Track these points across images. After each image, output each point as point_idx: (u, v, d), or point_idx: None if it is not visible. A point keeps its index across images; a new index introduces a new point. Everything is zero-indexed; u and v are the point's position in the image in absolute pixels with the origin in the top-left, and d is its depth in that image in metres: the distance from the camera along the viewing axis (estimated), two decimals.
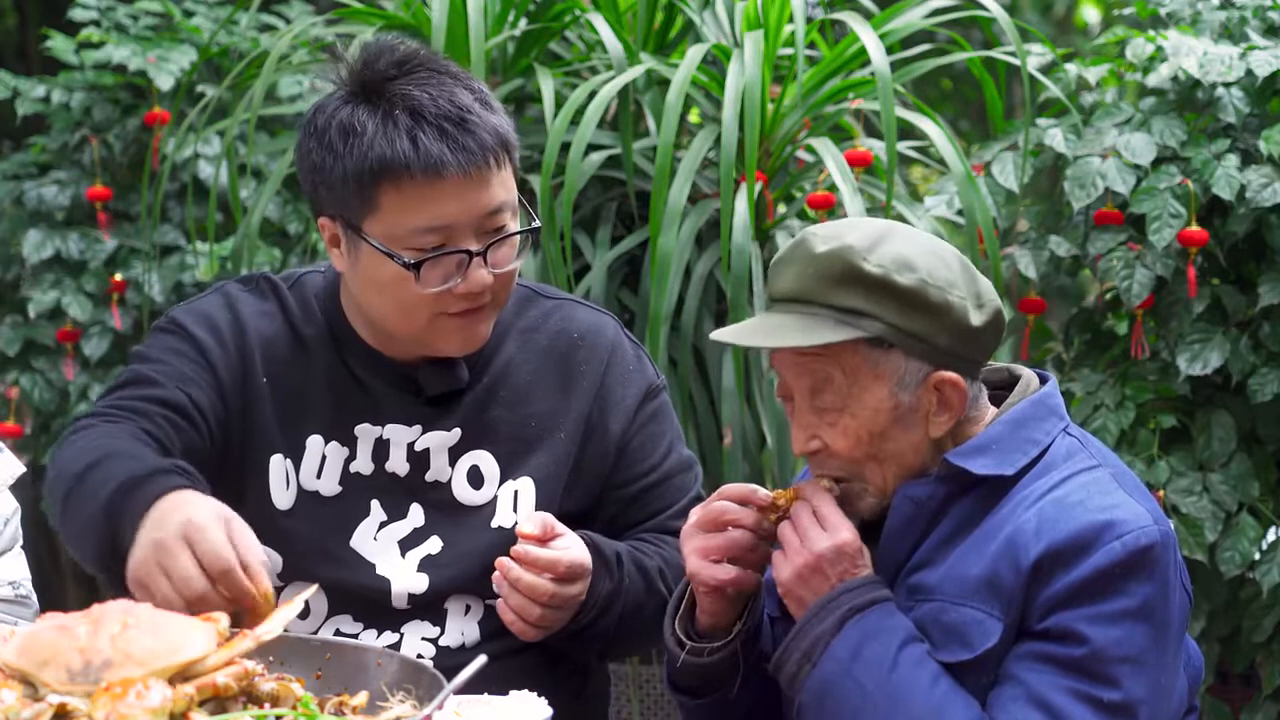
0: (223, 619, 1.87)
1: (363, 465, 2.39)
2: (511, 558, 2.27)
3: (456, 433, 2.40)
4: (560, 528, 2.31)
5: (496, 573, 2.28)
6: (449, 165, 2.26)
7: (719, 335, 2.18)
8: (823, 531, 2.09)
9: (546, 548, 2.28)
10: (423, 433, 2.40)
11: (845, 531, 2.09)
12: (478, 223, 2.30)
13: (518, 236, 2.34)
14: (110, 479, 2.14)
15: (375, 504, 2.39)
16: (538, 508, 2.39)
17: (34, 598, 2.55)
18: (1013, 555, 2.04)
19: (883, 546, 2.13)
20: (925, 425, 2.11)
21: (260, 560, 2.00)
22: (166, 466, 2.16)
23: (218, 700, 1.77)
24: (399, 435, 2.40)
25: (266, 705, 1.79)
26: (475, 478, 2.41)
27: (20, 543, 2.58)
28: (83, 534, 2.17)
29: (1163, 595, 2.04)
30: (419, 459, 2.40)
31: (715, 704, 2.25)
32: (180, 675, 1.75)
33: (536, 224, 2.38)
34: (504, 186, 2.31)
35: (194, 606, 1.95)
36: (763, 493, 2.17)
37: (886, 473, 2.12)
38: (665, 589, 2.40)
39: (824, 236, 2.10)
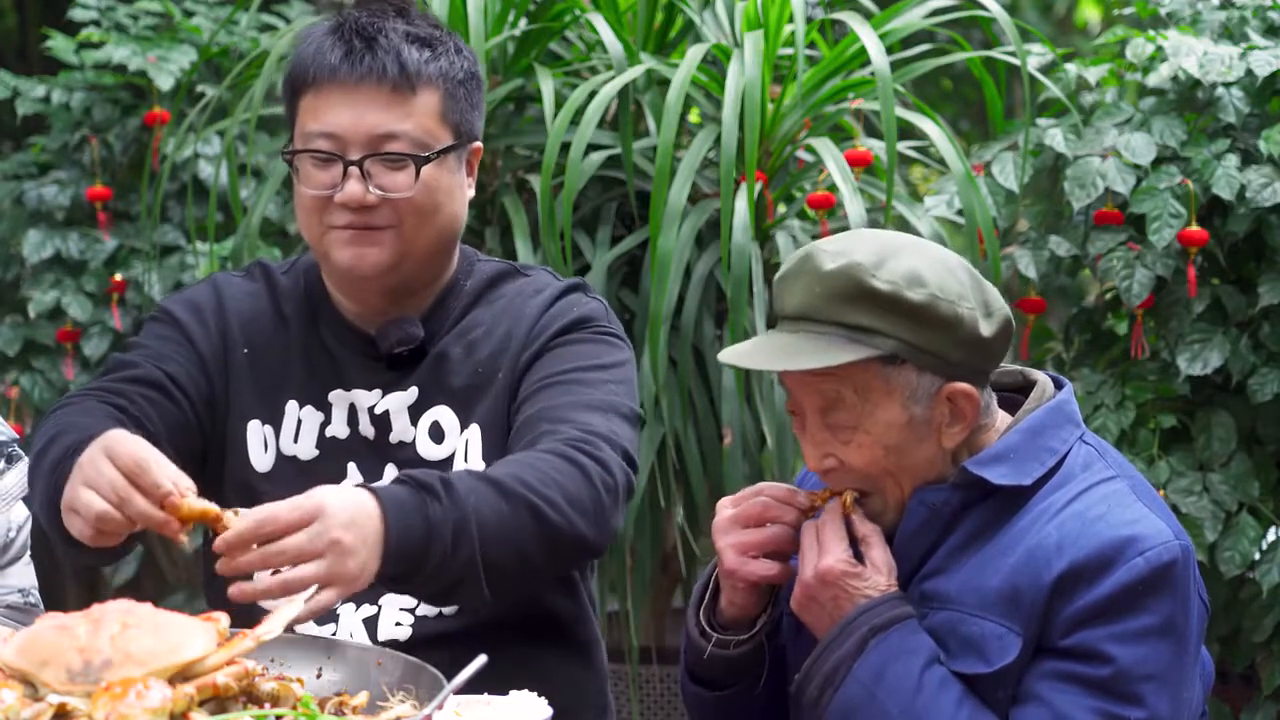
0: (223, 619, 1.87)
1: (338, 429, 2.42)
2: (222, 555, 1.98)
3: (414, 391, 2.41)
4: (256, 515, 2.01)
5: (259, 586, 2.00)
6: (340, 72, 2.32)
7: (727, 356, 2.15)
8: (814, 557, 2.10)
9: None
10: (382, 396, 2.42)
11: (829, 556, 2.09)
12: (368, 141, 2.33)
13: (413, 167, 2.33)
14: (61, 446, 2.17)
15: (351, 466, 2.42)
16: (485, 453, 2.37)
17: (42, 606, 2.56)
18: (1034, 570, 2.03)
19: (896, 551, 2.13)
20: (939, 437, 2.10)
21: (171, 467, 2.00)
22: (115, 425, 2.16)
23: (218, 700, 1.77)
24: (362, 400, 2.43)
25: (266, 705, 1.80)
26: (436, 433, 2.41)
27: (29, 551, 2.59)
28: (44, 503, 2.20)
29: (1183, 610, 2.04)
30: (381, 421, 2.42)
31: (736, 696, 2.24)
32: (180, 675, 1.75)
33: (427, 154, 2.33)
34: (409, 119, 2.33)
35: (123, 511, 1.97)
36: (802, 495, 2.17)
37: (904, 486, 2.12)
38: (530, 494, 2.15)
39: (831, 253, 2.08)
